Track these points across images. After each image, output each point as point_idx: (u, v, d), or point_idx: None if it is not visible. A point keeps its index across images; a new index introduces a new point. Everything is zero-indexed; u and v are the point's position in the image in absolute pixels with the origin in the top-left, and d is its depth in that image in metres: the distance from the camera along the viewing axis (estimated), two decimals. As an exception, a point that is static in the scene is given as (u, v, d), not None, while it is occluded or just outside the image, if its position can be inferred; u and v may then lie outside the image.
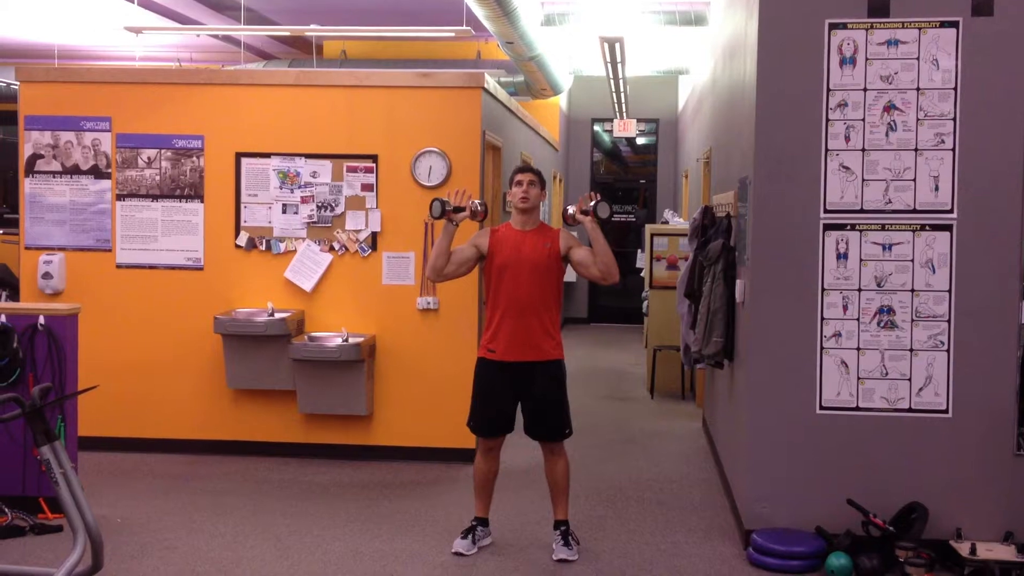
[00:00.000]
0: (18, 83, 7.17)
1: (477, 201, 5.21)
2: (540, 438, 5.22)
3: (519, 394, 5.18)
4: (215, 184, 7.02)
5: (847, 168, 5.08)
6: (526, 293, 5.07)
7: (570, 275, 16.02)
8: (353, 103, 6.97)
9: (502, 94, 8.21)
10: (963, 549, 4.85)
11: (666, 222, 11.27)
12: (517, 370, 5.12)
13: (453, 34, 9.78)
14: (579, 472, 5.91)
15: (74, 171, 7.06)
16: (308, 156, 6.97)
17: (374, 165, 6.93)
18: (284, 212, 6.99)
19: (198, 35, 12.34)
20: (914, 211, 5.05)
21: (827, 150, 5.10)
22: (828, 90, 5.08)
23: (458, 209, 5.13)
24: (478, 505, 5.31)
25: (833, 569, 4.81)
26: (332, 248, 6.97)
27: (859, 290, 5.10)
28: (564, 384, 5.23)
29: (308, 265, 6.97)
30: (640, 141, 16.78)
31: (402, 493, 6.24)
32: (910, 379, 5.09)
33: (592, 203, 5.06)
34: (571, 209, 5.15)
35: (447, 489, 6.26)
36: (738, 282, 5.77)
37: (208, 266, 7.04)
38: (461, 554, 5.13)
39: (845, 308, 5.11)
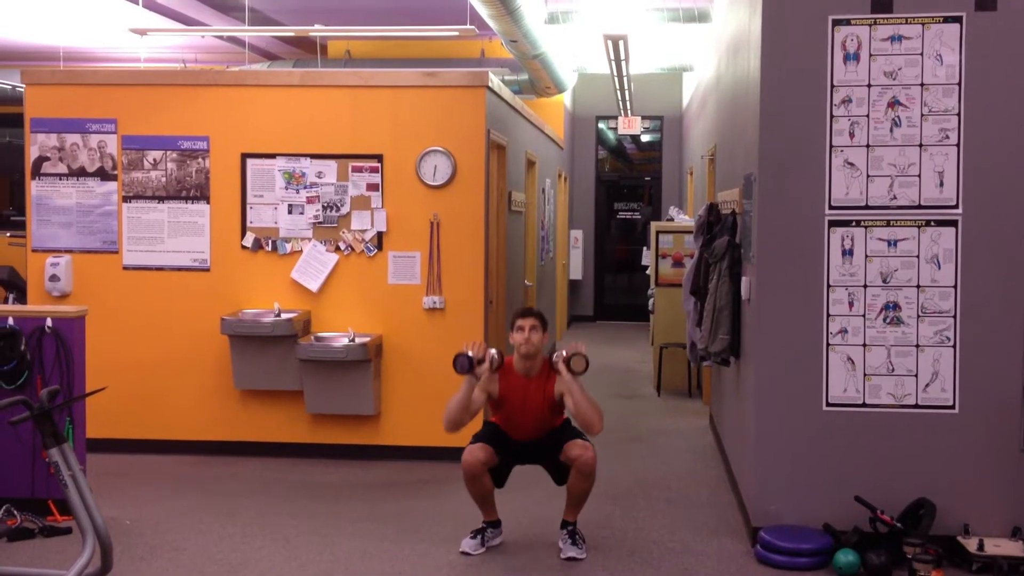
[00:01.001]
0: (24, 86, 7.19)
1: (493, 351, 5.25)
2: (564, 439, 5.22)
3: (532, 456, 5.33)
4: (221, 185, 7.03)
5: (852, 164, 5.08)
6: (535, 429, 5.27)
7: (575, 273, 15.98)
8: (358, 103, 6.98)
9: (506, 93, 8.21)
10: (971, 545, 4.85)
11: (671, 219, 11.27)
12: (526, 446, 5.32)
13: (457, 33, 9.78)
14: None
15: (80, 173, 7.08)
16: (313, 156, 6.98)
17: (379, 165, 6.94)
18: (290, 212, 7.00)
19: (203, 36, 12.35)
20: (919, 207, 5.05)
21: (831, 146, 5.09)
22: (832, 86, 5.08)
23: (479, 361, 5.15)
24: (484, 514, 5.30)
25: (841, 566, 4.81)
26: (338, 248, 6.98)
27: (865, 286, 5.10)
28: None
29: (314, 265, 6.99)
30: (645, 138, 16.77)
31: (410, 493, 6.25)
32: (916, 375, 5.08)
33: (566, 357, 5.09)
34: (555, 358, 5.21)
35: (455, 489, 6.26)
36: (744, 279, 5.77)
37: (214, 267, 7.06)
38: (467, 553, 5.14)
39: (851, 304, 5.11)
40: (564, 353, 5.14)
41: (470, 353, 5.10)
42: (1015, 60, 4.98)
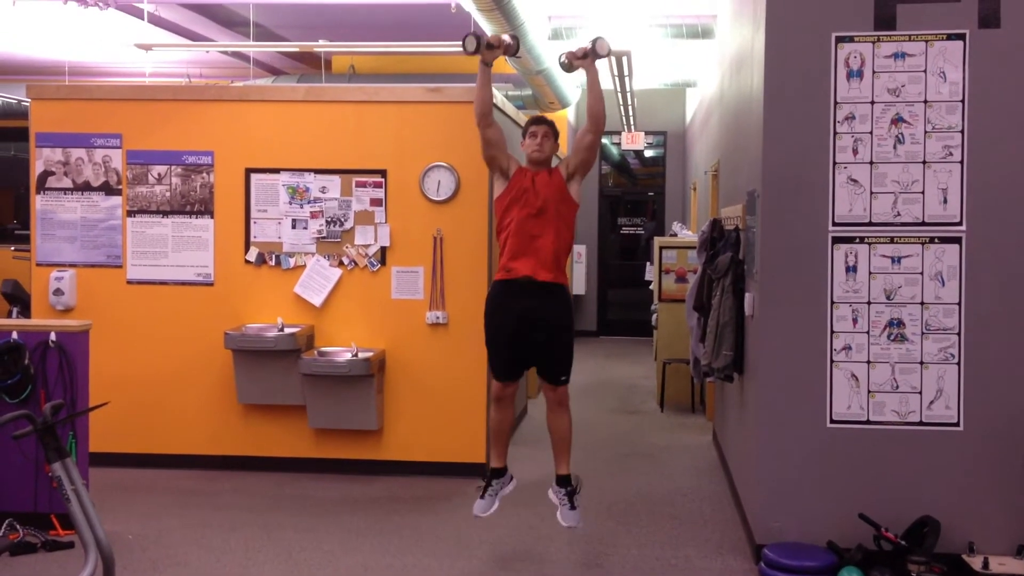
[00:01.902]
0: (29, 100, 7.22)
1: (507, 36, 5.25)
2: (541, 375, 5.25)
3: (528, 323, 5.17)
4: (225, 200, 7.04)
5: (855, 181, 5.08)
6: (541, 218, 5.16)
7: (578, 288, 15.95)
8: (362, 118, 7.00)
9: (510, 108, 8.23)
10: (975, 563, 4.83)
11: (675, 235, 11.28)
12: (528, 293, 5.14)
13: (461, 49, 9.81)
14: (590, 485, 5.90)
15: (85, 188, 7.10)
16: (317, 171, 6.99)
17: (383, 180, 6.95)
18: (293, 227, 7.01)
19: (207, 51, 12.39)
20: (923, 224, 5.05)
21: (835, 163, 5.10)
22: (835, 103, 5.09)
23: (491, 46, 5.14)
24: (493, 456, 5.36)
25: (845, 583, 4.80)
26: (341, 263, 6.99)
27: (868, 303, 5.10)
28: (571, 317, 5.32)
29: (317, 280, 6.99)
30: (648, 154, 16.79)
31: (412, 508, 6.24)
32: (921, 392, 5.08)
33: (590, 43, 5.12)
34: (564, 58, 5.22)
35: (457, 504, 6.25)
36: (747, 295, 5.77)
37: (218, 282, 7.07)
38: (479, 516, 5.23)
39: (855, 321, 5.10)
40: (576, 51, 5.19)
41: (478, 34, 5.13)
42: (1018, 77, 4.99)
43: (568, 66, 5.32)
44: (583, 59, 5.20)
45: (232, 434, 7.07)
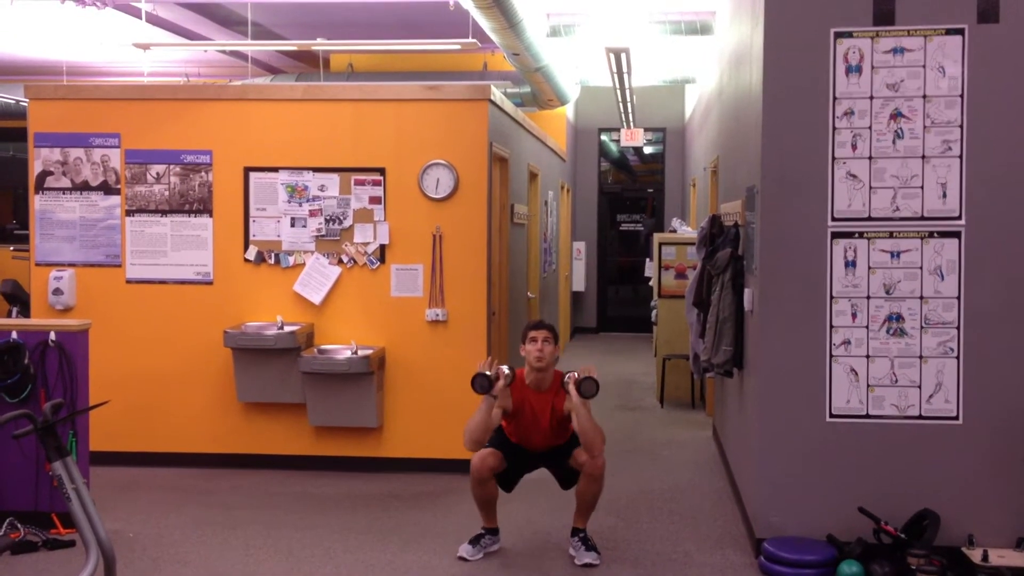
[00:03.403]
0: (27, 100, 7.22)
1: (505, 368, 5.31)
2: (574, 446, 5.28)
3: (541, 462, 5.43)
4: (224, 199, 7.05)
5: (854, 176, 5.09)
6: (541, 446, 5.36)
7: (578, 284, 15.98)
8: (360, 116, 7.00)
9: (509, 105, 8.23)
10: (975, 556, 4.83)
11: (674, 231, 11.28)
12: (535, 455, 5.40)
13: (459, 47, 9.81)
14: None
15: (84, 187, 7.10)
16: (316, 170, 6.99)
17: (382, 178, 6.95)
18: (292, 226, 7.02)
19: (205, 50, 12.38)
20: (922, 218, 5.05)
21: (834, 158, 5.10)
22: (834, 98, 5.09)
23: (495, 379, 5.20)
24: (484, 520, 5.34)
25: (845, 577, 4.81)
26: (340, 261, 6.99)
27: (868, 298, 5.10)
28: None
29: (317, 278, 7.00)
30: (647, 150, 16.79)
31: (412, 505, 6.24)
32: (920, 386, 5.08)
33: (577, 381, 5.11)
34: (567, 378, 5.22)
35: (457, 500, 6.26)
36: (746, 291, 5.77)
37: (217, 280, 7.07)
38: (464, 559, 5.19)
39: (854, 316, 5.11)
40: (576, 375, 5.15)
41: (488, 372, 5.12)
42: (1017, 72, 4.99)
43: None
44: (575, 389, 5.12)
45: (232, 432, 7.07)
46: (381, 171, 6.96)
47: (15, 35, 12.05)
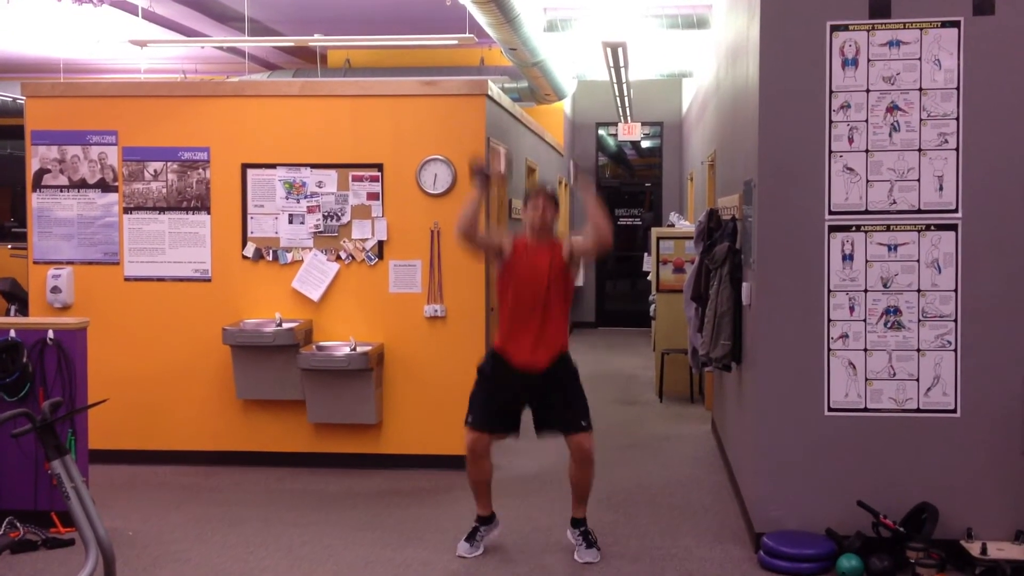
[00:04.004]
0: (24, 98, 7.21)
1: (501, 162, 5.28)
2: (562, 428, 5.21)
3: (531, 395, 5.23)
4: (221, 195, 7.04)
5: (851, 169, 5.09)
6: (541, 306, 5.15)
7: (576, 279, 15.96)
8: (358, 112, 6.99)
9: (506, 100, 8.22)
10: (974, 549, 4.84)
11: (672, 225, 11.27)
12: (528, 378, 5.19)
13: (456, 42, 9.81)
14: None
15: (81, 185, 7.10)
16: (314, 166, 6.99)
17: (379, 174, 6.95)
18: (290, 222, 7.01)
19: (202, 47, 12.38)
20: (919, 211, 5.05)
21: (831, 152, 5.10)
22: (831, 92, 5.09)
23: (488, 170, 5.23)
24: (478, 505, 5.34)
25: (844, 571, 4.81)
26: (339, 257, 6.99)
27: (865, 291, 5.10)
28: (577, 374, 5.29)
29: (315, 275, 6.99)
30: (645, 144, 16.79)
31: (412, 501, 6.25)
32: (918, 379, 5.08)
33: (573, 174, 5.17)
34: (567, 176, 5.28)
35: (457, 497, 6.26)
36: (744, 285, 5.78)
37: (216, 277, 7.07)
38: (463, 557, 5.19)
39: (852, 309, 5.11)
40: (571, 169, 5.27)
41: (487, 171, 5.21)
42: (1013, 64, 4.99)
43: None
44: (583, 183, 5.17)
45: (231, 429, 7.08)
46: (379, 167, 6.95)
47: (12, 32, 12.04)
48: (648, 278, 10.98)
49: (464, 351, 6.90)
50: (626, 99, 13.20)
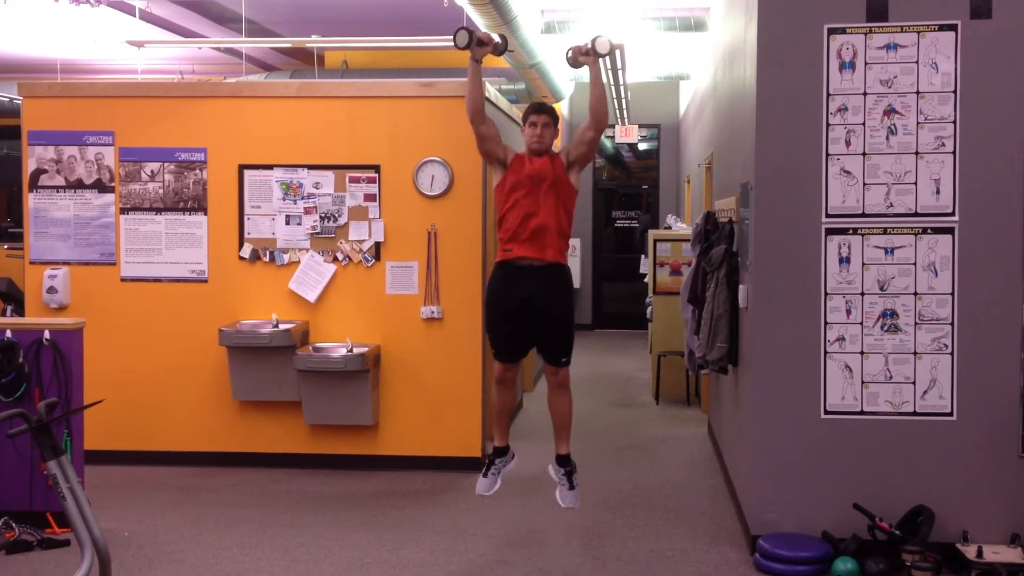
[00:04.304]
0: (21, 98, 7.20)
1: (496, 35, 5.25)
2: (545, 358, 5.24)
3: (530, 308, 5.16)
4: (218, 196, 7.04)
5: (848, 172, 5.09)
6: (541, 201, 5.11)
7: (573, 281, 15.97)
8: (355, 114, 6.99)
9: (503, 102, 8.22)
10: (970, 552, 4.85)
11: (669, 227, 11.27)
12: (530, 277, 5.11)
13: (454, 43, 9.80)
14: (585, 478, 5.90)
15: (78, 185, 7.09)
16: (311, 167, 6.99)
17: (376, 175, 6.95)
18: (287, 223, 7.01)
19: (200, 48, 12.37)
20: (916, 214, 5.06)
21: (828, 155, 5.11)
22: (828, 95, 5.10)
23: (481, 43, 5.14)
24: (496, 436, 5.35)
25: (840, 574, 4.82)
26: (336, 259, 6.99)
27: (862, 294, 5.11)
28: (571, 299, 5.28)
29: (312, 276, 6.99)
30: (642, 147, 16.79)
31: (408, 503, 6.24)
32: (914, 382, 5.09)
33: (591, 41, 5.10)
34: (569, 53, 5.21)
35: (453, 498, 6.26)
36: (741, 287, 5.78)
37: (212, 278, 7.06)
38: (484, 495, 5.21)
39: (848, 312, 5.11)
40: (577, 48, 5.18)
41: (470, 29, 5.10)
42: (1010, 67, 5.00)
43: (573, 61, 5.29)
44: (586, 56, 5.15)
45: (227, 431, 7.07)
46: (376, 168, 6.95)
47: (9, 32, 12.03)
48: (645, 280, 10.98)
49: (461, 353, 6.91)
50: (623, 101, 13.20)
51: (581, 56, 5.19)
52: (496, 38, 5.27)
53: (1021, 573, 4.73)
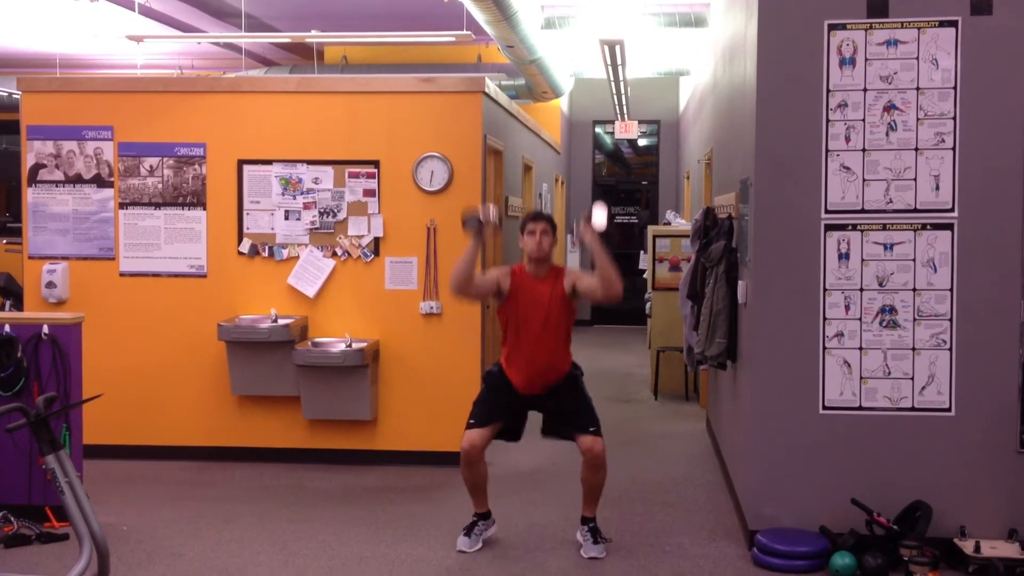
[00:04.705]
0: (20, 93, 7.20)
1: (493, 210, 5.23)
2: (571, 432, 5.23)
3: (537, 405, 5.32)
4: (217, 191, 7.04)
5: (848, 168, 5.09)
6: (542, 339, 5.20)
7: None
8: (354, 109, 6.99)
9: (503, 98, 8.22)
10: (967, 547, 4.85)
11: (668, 223, 11.28)
12: (533, 396, 5.28)
13: (454, 39, 9.80)
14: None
15: (77, 180, 7.09)
16: (310, 162, 6.98)
17: (376, 171, 6.95)
18: (286, 218, 7.01)
19: (199, 43, 12.35)
20: (915, 210, 5.06)
21: (827, 151, 5.10)
22: (828, 91, 5.09)
23: (486, 221, 5.17)
24: (475, 504, 5.36)
25: (837, 569, 4.82)
26: (335, 254, 6.99)
27: (861, 290, 5.11)
28: (581, 384, 5.34)
29: (311, 271, 6.99)
30: (642, 143, 16.79)
31: (407, 497, 6.25)
32: (913, 378, 5.09)
33: (589, 212, 5.11)
34: (572, 238, 5.24)
35: (452, 493, 6.26)
36: (740, 283, 5.78)
37: (211, 273, 7.06)
38: (464, 551, 5.19)
39: (847, 308, 5.11)
40: (582, 226, 5.16)
41: (480, 217, 5.10)
42: (1010, 64, 5.00)
43: (580, 243, 5.26)
44: (586, 230, 5.13)
45: (226, 425, 7.07)
46: (375, 164, 6.95)
47: (9, 27, 12.02)
48: (644, 276, 10.98)
49: (460, 348, 6.91)
50: (623, 97, 13.20)
51: (583, 237, 5.16)
52: (493, 216, 5.21)
53: (1018, 568, 4.74)
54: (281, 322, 6.82)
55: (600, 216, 5.06)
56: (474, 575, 4.95)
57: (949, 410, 5.07)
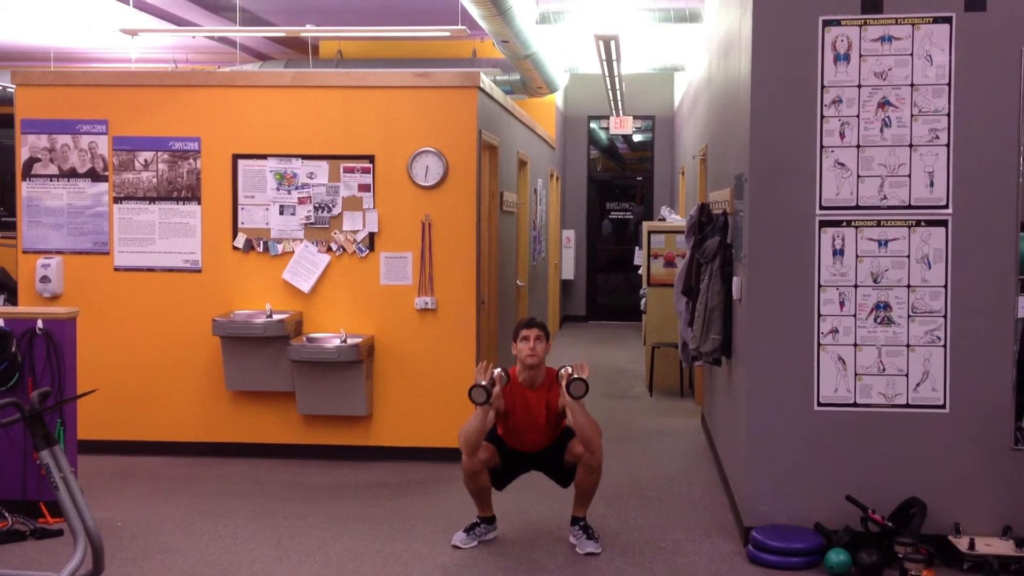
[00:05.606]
0: (14, 86, 7.17)
1: (499, 370, 5.28)
2: (568, 440, 5.31)
3: (535, 463, 5.48)
4: (212, 186, 7.02)
5: (842, 164, 5.09)
6: (537, 437, 5.35)
7: (567, 273, 15.98)
8: (349, 104, 6.98)
9: (498, 93, 8.21)
10: (962, 544, 4.86)
11: (663, 219, 11.28)
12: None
13: (448, 33, 9.77)
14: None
15: (71, 174, 7.07)
16: (305, 157, 6.97)
17: (371, 165, 6.94)
18: (281, 213, 7.00)
19: (194, 37, 12.32)
20: (909, 207, 5.06)
21: (822, 147, 5.10)
22: (822, 87, 5.09)
23: (492, 386, 5.19)
24: (479, 508, 5.35)
25: (832, 565, 4.83)
26: (330, 249, 6.98)
27: (855, 286, 5.11)
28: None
29: (306, 266, 6.98)
30: (636, 138, 16.78)
31: (402, 493, 6.25)
32: (907, 375, 5.10)
33: (566, 383, 5.10)
34: (561, 373, 5.24)
35: (447, 489, 6.27)
36: (735, 279, 5.78)
37: (206, 268, 7.05)
38: (458, 547, 5.20)
39: (842, 304, 5.12)
40: (568, 369, 5.18)
41: (484, 383, 5.10)
42: (1004, 60, 5.00)
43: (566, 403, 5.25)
44: (564, 390, 5.13)
45: (221, 421, 7.06)
46: (370, 158, 6.94)
47: (2, 20, 11.98)
48: (639, 272, 10.98)
49: (455, 343, 6.91)
50: (618, 92, 13.18)
51: (563, 402, 5.18)
52: (500, 372, 5.26)
53: (1013, 565, 4.75)
54: (276, 317, 6.82)
55: (578, 389, 5.05)
56: (469, 571, 4.95)
57: (944, 407, 5.08)
